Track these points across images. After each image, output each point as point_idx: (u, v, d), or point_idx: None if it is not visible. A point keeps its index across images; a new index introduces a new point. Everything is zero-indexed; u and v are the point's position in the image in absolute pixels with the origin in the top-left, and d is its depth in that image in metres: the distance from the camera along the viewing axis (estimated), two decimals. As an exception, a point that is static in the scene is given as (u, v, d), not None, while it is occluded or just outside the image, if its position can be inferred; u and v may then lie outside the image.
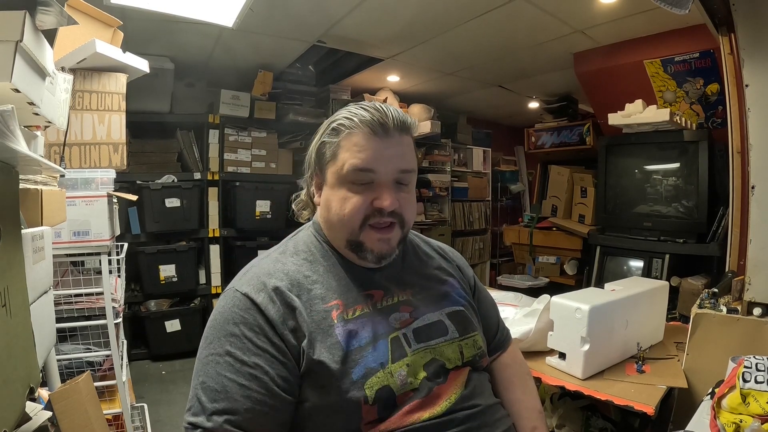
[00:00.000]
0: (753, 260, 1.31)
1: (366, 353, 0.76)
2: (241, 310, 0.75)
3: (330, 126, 0.83)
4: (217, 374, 0.71)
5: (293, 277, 0.80)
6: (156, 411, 2.46)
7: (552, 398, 1.60)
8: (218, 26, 2.49)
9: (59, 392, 1.33)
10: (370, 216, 0.81)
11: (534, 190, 4.90)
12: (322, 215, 0.87)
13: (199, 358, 0.75)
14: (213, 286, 3.57)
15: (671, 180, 2.87)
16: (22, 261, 0.87)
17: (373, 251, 0.82)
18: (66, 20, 0.90)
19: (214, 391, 0.70)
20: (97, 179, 1.70)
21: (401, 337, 0.80)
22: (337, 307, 0.79)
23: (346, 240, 0.83)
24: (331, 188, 0.82)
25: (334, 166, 0.81)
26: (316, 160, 0.86)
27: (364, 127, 0.80)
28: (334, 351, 0.74)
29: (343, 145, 0.80)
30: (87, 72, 1.74)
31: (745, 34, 1.35)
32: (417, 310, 0.85)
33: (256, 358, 0.72)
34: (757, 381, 0.91)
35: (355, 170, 0.79)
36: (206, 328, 0.78)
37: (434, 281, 0.93)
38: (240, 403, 0.69)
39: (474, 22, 2.63)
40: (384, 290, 0.85)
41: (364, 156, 0.79)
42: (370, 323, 0.79)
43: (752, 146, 1.34)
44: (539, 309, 1.45)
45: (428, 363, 0.80)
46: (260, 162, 3.72)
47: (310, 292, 0.79)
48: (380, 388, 0.74)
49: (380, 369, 0.75)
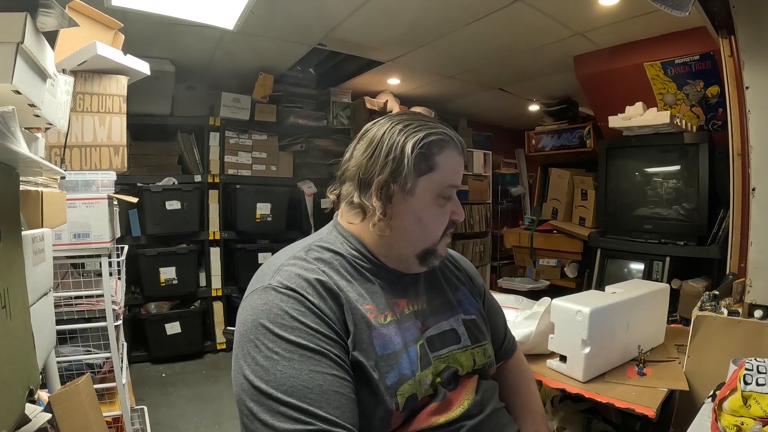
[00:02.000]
0: (754, 262, 1.31)
1: (400, 359, 0.76)
2: (295, 304, 0.71)
3: (424, 139, 0.79)
4: (296, 370, 0.66)
5: (328, 276, 0.78)
6: (156, 413, 2.45)
7: (553, 401, 1.60)
8: (219, 29, 2.49)
9: (59, 394, 1.33)
10: (447, 228, 0.86)
11: (534, 192, 4.89)
12: (397, 226, 0.81)
13: (255, 361, 0.68)
14: (213, 289, 3.57)
15: (672, 182, 2.87)
16: (23, 263, 0.87)
17: (441, 256, 0.87)
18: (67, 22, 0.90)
19: (305, 388, 0.65)
20: (97, 181, 1.70)
21: (425, 344, 0.81)
22: (370, 311, 0.78)
23: (422, 249, 0.84)
24: (420, 199, 0.81)
25: (429, 180, 0.80)
26: (411, 171, 0.78)
27: (457, 146, 0.84)
28: (371, 354, 0.74)
29: (440, 161, 0.81)
30: (88, 74, 1.75)
31: (746, 36, 1.35)
32: (430, 319, 0.85)
33: (331, 346, 0.70)
34: (759, 383, 0.91)
35: (451, 187, 0.83)
36: (248, 328, 0.71)
37: (448, 289, 0.94)
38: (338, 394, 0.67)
39: (474, 25, 2.64)
40: (408, 299, 0.85)
41: (459, 175, 0.84)
42: (400, 330, 0.79)
43: (753, 148, 1.33)
44: (540, 312, 1.45)
45: (443, 370, 0.81)
46: (261, 165, 3.72)
47: (345, 293, 0.77)
48: (410, 396, 0.74)
49: (411, 377, 0.75)
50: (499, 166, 5.59)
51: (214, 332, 3.59)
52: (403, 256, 0.84)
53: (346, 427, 0.65)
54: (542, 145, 4.25)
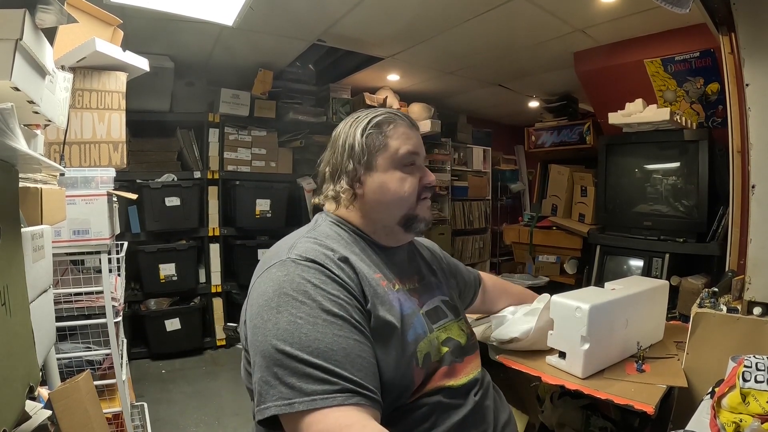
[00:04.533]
0: (753, 259, 1.31)
1: (414, 320, 0.85)
2: (316, 273, 0.75)
3: (371, 121, 0.93)
4: (321, 333, 0.69)
5: (341, 251, 0.84)
6: (156, 410, 2.46)
7: (552, 397, 1.60)
8: (218, 25, 2.49)
9: (59, 391, 1.33)
10: (421, 192, 0.94)
11: (534, 189, 4.90)
12: (371, 199, 0.92)
13: (279, 326, 0.69)
14: (213, 285, 3.57)
15: (671, 179, 2.87)
16: (22, 259, 0.87)
17: (425, 219, 0.95)
18: (66, 18, 0.89)
19: (330, 350, 0.68)
20: (96, 178, 1.70)
21: (425, 315, 0.90)
22: (381, 279, 0.86)
23: (402, 216, 0.92)
24: (384, 172, 0.91)
25: (386, 153, 0.91)
26: (365, 150, 0.91)
27: (404, 120, 0.95)
28: (394, 312, 0.81)
29: (391, 134, 0.92)
30: (87, 70, 1.74)
31: (746, 33, 1.34)
32: (423, 296, 0.96)
33: (354, 312, 0.75)
34: (757, 380, 0.91)
35: (408, 153, 0.92)
36: (269, 297, 0.73)
37: (430, 272, 1.05)
38: (360, 358, 0.71)
39: (474, 21, 2.63)
40: (399, 277, 0.93)
41: (413, 142, 0.94)
42: (406, 299, 0.88)
43: (752, 145, 1.33)
44: (539, 308, 1.45)
45: (446, 340, 0.90)
46: (260, 161, 3.72)
47: (357, 265, 0.83)
48: (426, 353, 0.82)
49: (425, 336, 0.84)
50: (498, 163, 5.59)
51: (214, 329, 3.58)
52: (387, 227, 0.94)
53: (369, 388, 0.69)
54: (542, 142, 4.25)
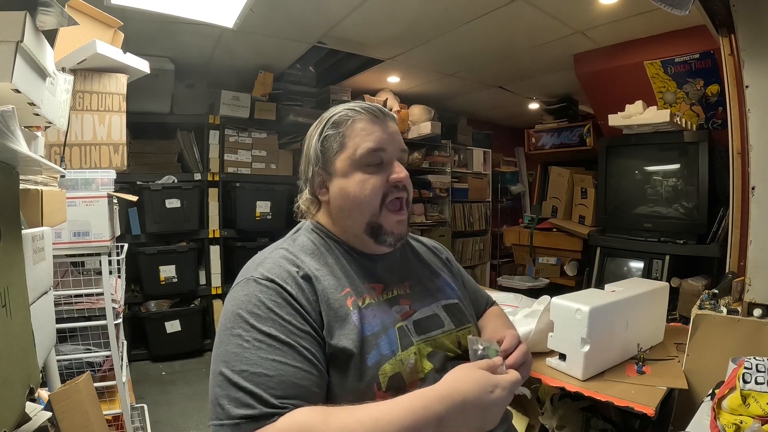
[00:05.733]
0: (753, 261, 1.31)
1: (380, 340, 0.78)
2: (273, 295, 0.74)
3: (329, 121, 0.89)
4: (261, 359, 0.68)
5: (308, 267, 0.81)
6: (156, 411, 2.46)
7: (552, 399, 1.60)
8: (219, 27, 2.49)
9: (59, 393, 1.33)
10: (388, 194, 0.86)
11: (534, 191, 4.90)
12: (335, 206, 0.88)
13: (227, 349, 0.70)
14: (213, 287, 3.57)
15: (671, 181, 2.87)
16: (23, 261, 0.87)
17: (393, 233, 0.87)
18: (66, 21, 0.90)
19: (264, 376, 0.67)
20: (97, 180, 1.70)
21: (405, 327, 0.83)
22: (350, 294, 0.81)
23: (365, 223, 0.86)
24: (344, 176, 0.85)
25: (344, 154, 0.85)
26: (321, 155, 0.88)
27: (364, 114, 0.87)
28: (352, 336, 0.76)
29: (348, 133, 0.86)
30: (87, 72, 1.74)
31: (746, 35, 1.34)
32: (415, 304, 0.88)
33: (302, 339, 0.72)
34: (758, 382, 0.91)
35: (369, 152, 0.84)
36: (227, 317, 0.74)
37: (429, 275, 0.98)
38: (297, 386, 0.68)
39: (474, 23, 2.63)
40: (384, 284, 0.88)
41: (374, 138, 0.85)
42: (379, 312, 0.81)
43: (752, 147, 1.33)
44: (539, 310, 1.45)
45: (431, 354, 0.82)
46: (260, 163, 3.72)
47: (322, 283, 0.80)
48: (393, 375, 0.76)
49: (392, 356, 0.77)
50: (498, 165, 5.58)
51: (214, 330, 3.55)
52: (357, 236, 0.88)
53: (288, 408, 0.66)
54: (542, 144, 4.26)
